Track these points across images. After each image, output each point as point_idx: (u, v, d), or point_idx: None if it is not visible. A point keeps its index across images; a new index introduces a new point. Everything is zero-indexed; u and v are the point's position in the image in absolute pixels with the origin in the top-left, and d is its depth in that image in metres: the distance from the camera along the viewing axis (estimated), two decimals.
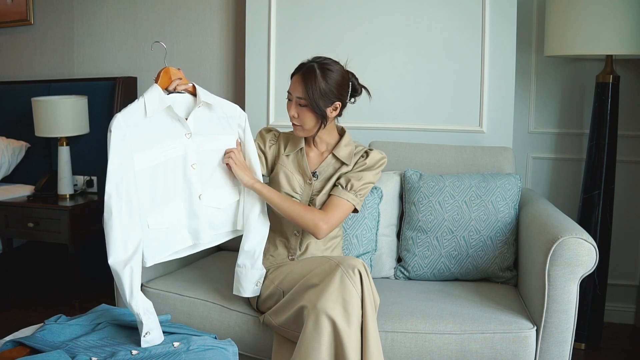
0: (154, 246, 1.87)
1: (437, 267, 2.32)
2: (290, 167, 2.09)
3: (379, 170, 2.08)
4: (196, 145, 1.94)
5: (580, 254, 1.85)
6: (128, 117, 1.79)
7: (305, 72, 1.97)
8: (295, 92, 1.97)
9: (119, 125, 1.76)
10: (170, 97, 1.88)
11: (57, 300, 3.22)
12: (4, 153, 3.25)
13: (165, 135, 1.88)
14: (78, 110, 3.10)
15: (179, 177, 1.92)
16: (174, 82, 1.88)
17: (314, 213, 1.97)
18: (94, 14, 3.47)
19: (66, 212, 2.95)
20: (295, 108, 1.99)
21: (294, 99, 1.98)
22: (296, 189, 2.07)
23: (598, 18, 2.42)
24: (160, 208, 1.88)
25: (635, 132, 2.89)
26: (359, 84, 2.07)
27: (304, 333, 1.70)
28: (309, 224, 1.97)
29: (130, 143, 1.78)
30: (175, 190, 1.92)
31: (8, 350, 1.65)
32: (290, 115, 2.01)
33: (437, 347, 1.91)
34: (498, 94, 2.71)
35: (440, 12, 2.74)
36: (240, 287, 2.02)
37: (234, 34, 3.20)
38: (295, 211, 1.97)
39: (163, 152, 1.87)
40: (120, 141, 1.76)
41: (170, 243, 1.92)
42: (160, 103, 1.83)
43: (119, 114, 1.78)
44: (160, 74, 1.88)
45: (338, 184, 2.03)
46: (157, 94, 1.83)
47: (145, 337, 1.69)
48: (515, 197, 2.32)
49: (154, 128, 1.84)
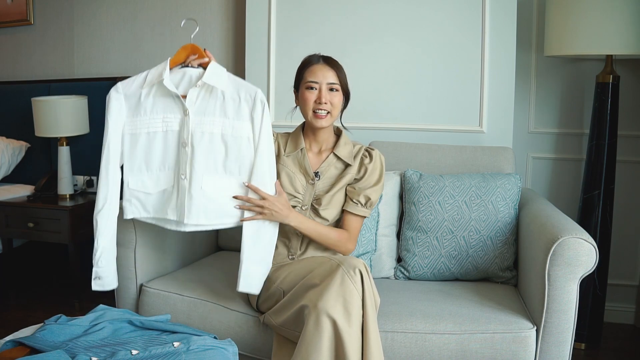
0: (133, 204, 2.03)
1: (437, 267, 2.32)
2: (291, 167, 2.09)
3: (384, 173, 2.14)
4: (193, 124, 1.94)
5: (580, 254, 1.85)
6: (127, 84, 1.99)
7: (326, 59, 2.05)
8: (326, 79, 2.01)
9: (116, 89, 1.98)
10: (179, 72, 1.97)
11: (57, 300, 3.22)
12: (4, 153, 3.25)
13: (165, 108, 1.97)
14: (78, 110, 3.10)
15: (171, 151, 1.98)
16: (189, 57, 1.97)
17: (344, 237, 2.05)
18: (94, 14, 3.47)
19: (66, 212, 2.95)
20: (327, 95, 2.01)
21: (323, 86, 2.01)
22: (298, 189, 2.07)
23: (598, 18, 2.42)
24: (152, 174, 2.00)
25: (635, 132, 2.89)
26: None
27: (305, 333, 1.70)
28: (341, 249, 2.06)
29: (123, 108, 1.98)
30: (167, 163, 1.99)
31: (8, 350, 1.65)
32: (320, 103, 2.00)
33: (437, 347, 1.91)
34: (498, 94, 2.71)
35: (441, 12, 2.74)
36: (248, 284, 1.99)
37: (234, 34, 3.20)
38: (331, 240, 2.04)
39: (163, 123, 1.97)
40: (114, 104, 1.97)
41: (150, 207, 2.02)
42: (158, 76, 1.95)
43: (120, 82, 2.00)
44: (188, 46, 1.98)
45: (357, 202, 2.05)
46: (161, 67, 1.96)
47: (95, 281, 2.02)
48: (515, 197, 2.32)
49: (153, 98, 1.97)
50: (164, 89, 1.95)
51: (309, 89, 2.01)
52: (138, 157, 2.00)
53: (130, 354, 1.61)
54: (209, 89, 1.95)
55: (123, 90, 1.98)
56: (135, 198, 2.02)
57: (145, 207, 2.03)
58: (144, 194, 2.01)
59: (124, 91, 1.98)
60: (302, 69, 2.06)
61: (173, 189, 1.98)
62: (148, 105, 1.97)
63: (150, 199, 2.02)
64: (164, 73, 1.93)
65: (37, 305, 3.15)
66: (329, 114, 2.02)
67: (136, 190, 2.01)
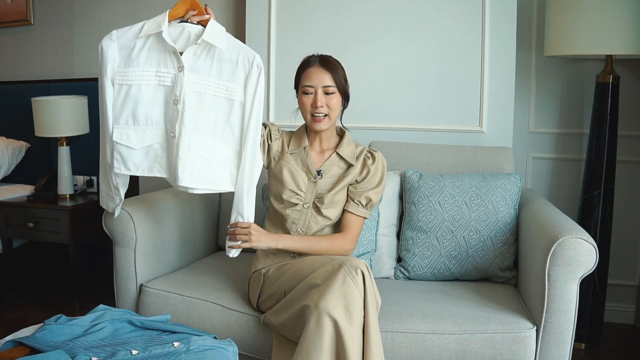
0: (116, 158, 1.94)
1: (437, 267, 2.32)
2: (294, 164, 2.09)
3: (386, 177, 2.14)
4: (187, 82, 1.90)
5: (580, 254, 1.85)
6: (122, 32, 1.89)
7: (323, 61, 2.02)
8: (322, 82, 1.99)
9: (110, 37, 1.89)
10: (178, 27, 1.90)
11: (57, 300, 3.22)
12: (4, 153, 3.25)
13: (159, 61, 1.90)
14: (78, 110, 3.10)
15: (161, 107, 1.92)
16: (188, 12, 1.91)
17: (338, 241, 2.03)
18: (94, 14, 3.47)
19: (66, 212, 2.95)
20: (322, 98, 2.00)
21: (319, 89, 1.99)
22: (301, 187, 2.07)
23: (598, 18, 2.42)
24: (138, 127, 1.92)
25: (635, 132, 2.89)
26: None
27: (306, 332, 1.70)
28: (339, 252, 2.03)
29: (116, 56, 1.88)
30: (155, 119, 1.93)
31: (8, 350, 1.65)
32: (317, 107, 2.00)
33: (437, 347, 1.91)
34: (498, 94, 2.71)
35: (441, 12, 2.74)
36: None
37: (234, 33, 3.19)
38: (324, 249, 2.02)
39: (155, 77, 1.90)
40: (109, 53, 1.87)
41: (131, 165, 1.95)
42: (157, 27, 1.88)
43: (115, 30, 1.90)
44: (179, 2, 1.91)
45: (359, 202, 2.05)
46: (159, 18, 1.89)
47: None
48: (515, 197, 2.32)
49: (148, 50, 1.89)
50: (161, 41, 1.88)
51: (305, 93, 2.01)
52: (126, 109, 1.91)
53: (130, 354, 1.61)
54: (207, 47, 1.91)
55: (117, 39, 1.89)
56: (118, 152, 1.93)
57: (126, 163, 1.94)
58: (127, 149, 1.93)
59: (118, 40, 1.89)
60: (299, 71, 2.06)
61: (161, 147, 1.93)
62: (142, 56, 1.89)
63: (133, 154, 1.93)
64: (163, 25, 1.87)
65: (37, 305, 3.15)
66: (326, 116, 2.02)
67: (119, 143, 1.92)
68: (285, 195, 2.06)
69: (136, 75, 1.90)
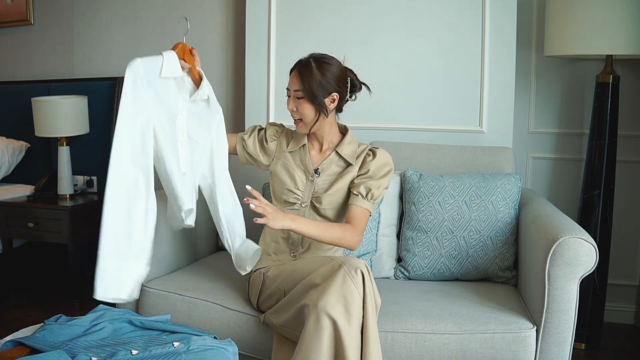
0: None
1: (437, 267, 2.32)
2: (292, 163, 2.09)
3: (391, 174, 2.10)
4: (186, 126, 1.97)
5: (580, 254, 1.85)
6: (147, 65, 1.84)
7: (301, 66, 2.01)
8: (293, 86, 2.01)
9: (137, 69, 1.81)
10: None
11: (57, 300, 3.22)
12: (4, 153, 3.25)
13: (170, 103, 1.92)
14: (78, 110, 3.10)
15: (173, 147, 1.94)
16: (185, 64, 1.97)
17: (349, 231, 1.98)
18: (94, 14, 3.47)
19: (66, 212, 2.95)
20: (293, 102, 2.02)
21: (292, 93, 2.01)
22: (298, 185, 2.07)
23: (598, 18, 2.42)
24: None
25: (635, 132, 2.89)
26: (357, 80, 2.09)
27: (305, 332, 1.70)
28: (346, 243, 1.99)
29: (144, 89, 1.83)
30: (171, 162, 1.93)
31: (8, 350, 1.65)
32: (289, 110, 2.04)
33: (437, 347, 1.91)
34: (498, 94, 2.71)
35: (441, 12, 2.74)
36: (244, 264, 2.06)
37: (234, 34, 3.20)
38: (335, 236, 1.97)
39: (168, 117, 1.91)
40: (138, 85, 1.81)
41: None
42: (177, 70, 1.90)
43: (139, 58, 1.83)
44: (178, 46, 1.95)
45: (358, 193, 2.03)
46: (175, 60, 1.91)
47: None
48: (515, 197, 2.32)
49: (163, 90, 1.89)
50: (172, 84, 1.93)
51: (287, 95, 2.05)
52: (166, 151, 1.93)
53: (130, 354, 1.61)
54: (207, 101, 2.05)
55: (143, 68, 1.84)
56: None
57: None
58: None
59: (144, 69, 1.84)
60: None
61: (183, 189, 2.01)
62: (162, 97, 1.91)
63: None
64: (181, 69, 1.94)
65: (37, 305, 3.15)
66: (300, 120, 2.03)
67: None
68: (283, 194, 2.07)
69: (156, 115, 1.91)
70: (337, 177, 2.08)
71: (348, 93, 2.06)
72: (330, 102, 2.02)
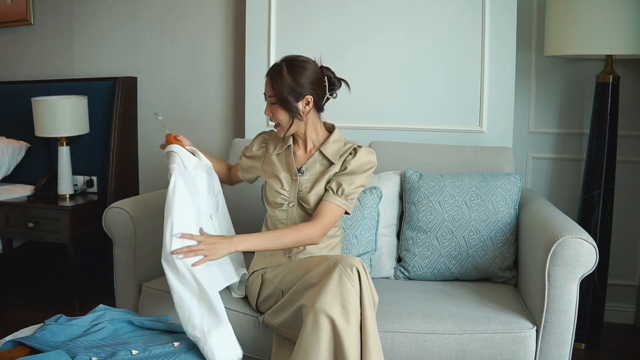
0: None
1: (437, 267, 2.32)
2: (277, 165, 2.10)
3: (370, 172, 2.06)
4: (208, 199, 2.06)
5: (580, 254, 1.85)
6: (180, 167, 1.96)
7: (272, 71, 2.01)
8: (267, 92, 2.02)
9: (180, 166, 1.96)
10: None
11: (57, 300, 3.22)
12: (4, 153, 3.25)
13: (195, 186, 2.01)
14: (78, 110, 3.10)
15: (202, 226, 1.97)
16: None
17: (305, 230, 1.95)
18: (94, 14, 3.47)
19: (66, 212, 2.95)
20: (269, 107, 2.03)
21: (267, 99, 2.02)
22: (284, 186, 2.07)
23: (598, 18, 2.42)
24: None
25: (635, 132, 2.89)
26: (335, 77, 2.07)
27: (303, 332, 1.70)
28: (307, 242, 1.98)
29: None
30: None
31: (8, 350, 1.65)
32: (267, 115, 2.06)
33: (437, 347, 1.90)
34: (498, 94, 2.71)
35: (440, 12, 2.74)
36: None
37: (234, 33, 3.20)
38: (290, 241, 1.95)
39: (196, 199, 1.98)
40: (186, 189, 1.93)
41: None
42: (192, 159, 2.04)
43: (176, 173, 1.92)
44: (171, 139, 2.06)
45: (329, 188, 2.01)
46: (185, 152, 2.03)
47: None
48: (515, 197, 2.32)
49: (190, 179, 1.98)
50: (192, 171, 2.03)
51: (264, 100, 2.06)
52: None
53: (130, 354, 1.61)
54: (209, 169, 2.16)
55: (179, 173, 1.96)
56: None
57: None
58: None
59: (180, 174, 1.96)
60: None
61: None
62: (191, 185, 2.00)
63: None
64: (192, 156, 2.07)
65: (37, 305, 3.15)
66: (278, 124, 2.04)
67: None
68: (271, 196, 2.08)
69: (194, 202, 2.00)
70: (319, 176, 2.07)
71: (327, 92, 2.04)
72: (305, 105, 2.00)
